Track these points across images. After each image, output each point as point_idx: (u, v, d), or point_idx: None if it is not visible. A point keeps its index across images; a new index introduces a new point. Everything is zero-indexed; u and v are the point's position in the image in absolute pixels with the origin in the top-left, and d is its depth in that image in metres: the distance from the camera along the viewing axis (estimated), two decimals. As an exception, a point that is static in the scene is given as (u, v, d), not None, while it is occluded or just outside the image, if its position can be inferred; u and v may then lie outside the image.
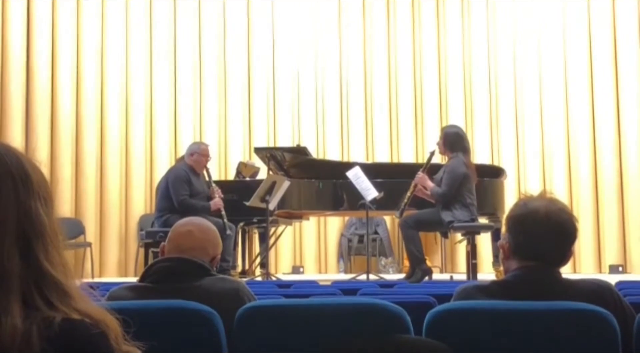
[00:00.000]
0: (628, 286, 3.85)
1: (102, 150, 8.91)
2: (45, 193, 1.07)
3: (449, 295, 2.27)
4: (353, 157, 9.35)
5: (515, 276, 2.10)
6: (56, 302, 1.02)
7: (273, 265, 8.88)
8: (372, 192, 6.72)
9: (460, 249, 8.68)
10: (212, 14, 9.60)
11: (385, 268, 9.16)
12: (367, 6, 9.86)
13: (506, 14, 9.63)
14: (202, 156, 6.89)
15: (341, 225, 9.62)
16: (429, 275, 6.50)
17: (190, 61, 9.47)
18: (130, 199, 9.01)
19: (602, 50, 9.18)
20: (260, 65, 9.65)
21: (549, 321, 1.88)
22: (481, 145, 9.49)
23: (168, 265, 2.44)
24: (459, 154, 6.41)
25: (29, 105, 8.51)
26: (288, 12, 9.72)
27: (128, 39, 9.16)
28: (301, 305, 2.18)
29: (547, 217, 2.07)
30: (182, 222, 2.60)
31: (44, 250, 1.03)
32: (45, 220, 1.04)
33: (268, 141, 9.46)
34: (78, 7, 8.89)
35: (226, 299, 2.29)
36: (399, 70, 9.78)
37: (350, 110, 9.74)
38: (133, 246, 8.82)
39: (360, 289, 3.54)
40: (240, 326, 2.09)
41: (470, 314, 1.93)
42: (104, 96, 8.97)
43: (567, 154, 9.27)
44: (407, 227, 6.45)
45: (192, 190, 6.73)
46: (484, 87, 9.66)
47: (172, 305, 2.10)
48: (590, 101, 9.20)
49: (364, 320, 2.02)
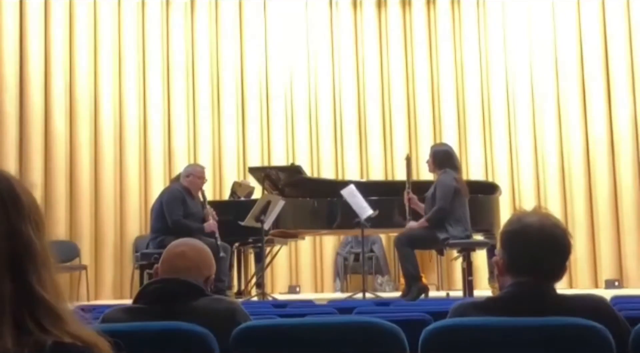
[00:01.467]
0: (623, 301, 3.85)
1: (96, 172, 8.89)
2: (37, 217, 1.06)
3: (444, 312, 2.27)
4: (348, 176, 9.37)
5: (510, 292, 2.09)
6: (48, 325, 1.01)
7: (269, 285, 8.85)
8: (367, 210, 6.72)
9: (457, 266, 8.68)
10: (205, 35, 9.65)
11: (381, 286, 9.14)
12: (359, 26, 9.91)
13: (498, 29, 9.69)
14: (197, 178, 6.88)
15: (337, 243, 9.61)
16: (425, 292, 6.48)
17: (183, 82, 9.49)
18: (124, 221, 8.99)
19: (594, 64, 9.22)
20: (254, 85, 9.68)
21: (544, 337, 1.87)
22: (475, 161, 9.51)
23: (162, 286, 2.43)
24: (447, 171, 6.45)
25: (22, 128, 8.49)
26: (281, 30, 9.77)
27: (121, 60, 9.18)
28: (296, 325, 2.17)
29: (541, 232, 2.06)
30: (175, 243, 2.60)
31: (36, 273, 1.03)
32: (36, 243, 1.04)
33: (262, 160, 9.47)
34: (70, 28, 8.90)
35: (221, 320, 2.28)
36: (392, 88, 9.82)
37: (344, 129, 9.76)
38: (128, 268, 8.79)
39: (356, 308, 3.53)
40: (236, 346, 2.08)
41: (465, 331, 1.93)
42: (98, 117, 8.97)
43: (561, 168, 9.29)
44: (402, 245, 6.44)
45: (186, 211, 6.71)
46: (477, 103, 9.70)
47: (166, 327, 2.09)
48: (583, 115, 9.24)
49: (359, 339, 2.01)
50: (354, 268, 9.34)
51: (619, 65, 9.16)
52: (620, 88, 9.12)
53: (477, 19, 9.80)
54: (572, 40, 9.35)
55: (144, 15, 9.41)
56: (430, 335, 1.93)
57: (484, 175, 9.38)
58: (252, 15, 9.77)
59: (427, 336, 1.93)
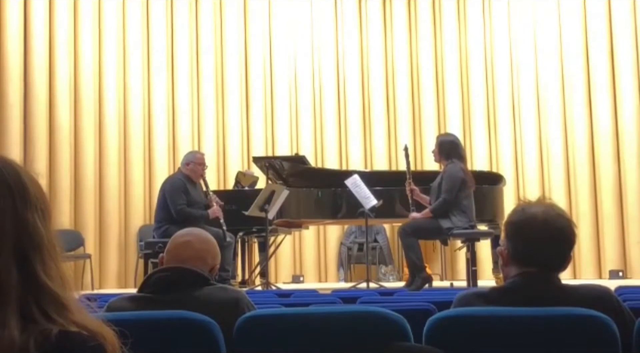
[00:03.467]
0: (628, 291, 3.84)
1: (101, 161, 8.90)
2: (43, 206, 1.07)
3: (448, 302, 2.27)
4: (352, 166, 9.36)
5: (514, 282, 2.09)
6: (53, 314, 1.01)
7: (273, 275, 8.87)
8: (371, 200, 6.72)
9: (461, 256, 8.68)
10: (210, 25, 9.63)
11: (385, 276, 9.15)
12: (363, 18, 9.88)
13: (503, 19, 9.65)
14: (198, 165, 6.89)
15: (341, 233, 9.62)
16: (429, 282, 6.49)
17: (187, 71, 9.48)
18: (129, 210, 9.00)
19: (600, 55, 9.19)
20: (258, 75, 9.67)
21: (548, 327, 1.88)
22: (479, 152, 9.50)
23: (167, 275, 2.43)
24: (454, 161, 6.44)
25: (27, 117, 8.51)
26: (286, 20, 9.75)
27: (125, 50, 9.17)
28: (300, 314, 2.18)
29: (545, 222, 2.06)
30: (180, 232, 2.60)
31: (42, 263, 1.03)
32: (42, 232, 1.04)
33: (266, 150, 9.46)
34: (75, 19, 8.90)
35: (225, 309, 2.29)
36: (397, 78, 9.79)
37: (348, 119, 9.75)
38: (133, 257, 8.81)
39: (360, 297, 3.53)
40: (240, 336, 2.09)
41: (469, 321, 1.93)
42: (102, 107, 8.98)
43: (565, 159, 9.27)
44: (406, 235, 6.44)
45: (189, 199, 6.72)
46: (482, 93, 9.67)
47: (171, 315, 2.09)
48: (588, 106, 9.21)
49: (363, 329, 2.01)
50: (357, 258, 9.35)
51: (624, 56, 9.12)
52: (625, 77, 9.09)
53: (483, 8, 9.76)
54: (577, 31, 9.31)
55: (149, 5, 9.40)
56: (434, 325, 1.93)
57: (488, 166, 9.37)
58: (256, 5, 9.75)
59: (431, 326, 1.93)
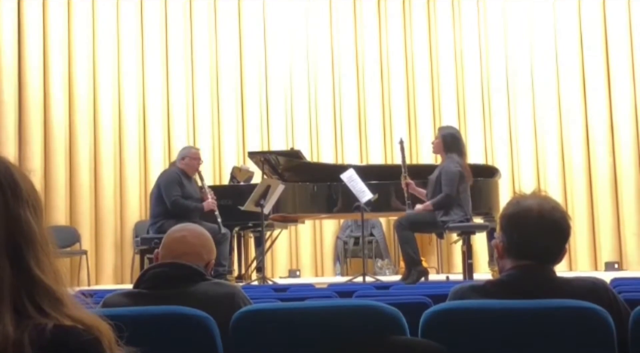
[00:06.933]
0: (623, 283, 3.85)
1: (96, 157, 8.89)
2: (35, 202, 1.07)
3: (444, 295, 2.27)
4: (347, 160, 9.35)
5: (510, 275, 2.10)
6: (48, 308, 1.01)
7: (269, 269, 8.86)
8: (366, 194, 6.73)
9: (457, 249, 8.70)
10: (204, 20, 9.60)
11: (381, 270, 9.15)
12: (358, 11, 9.86)
13: (498, 13, 9.64)
14: (193, 159, 6.90)
15: (337, 227, 9.62)
16: (425, 276, 6.50)
17: (182, 67, 9.46)
18: (124, 206, 8.99)
19: (594, 48, 9.20)
20: (253, 69, 9.64)
21: (544, 319, 1.88)
22: (474, 145, 9.49)
23: (162, 270, 2.43)
24: (453, 155, 6.44)
25: (21, 114, 8.49)
26: (280, 15, 9.72)
27: (120, 46, 9.15)
28: (296, 309, 2.18)
29: (540, 215, 2.07)
30: (175, 228, 2.60)
31: (35, 258, 1.03)
32: (35, 228, 1.04)
33: (262, 145, 9.45)
34: (69, 15, 8.87)
35: (222, 304, 2.29)
36: (392, 73, 9.78)
37: (343, 113, 9.74)
38: (129, 253, 8.81)
39: (356, 291, 3.54)
40: (236, 331, 2.09)
41: (465, 314, 1.94)
42: (97, 103, 8.96)
43: (560, 151, 9.28)
44: (402, 228, 6.45)
45: (184, 192, 6.72)
46: (477, 86, 9.67)
47: (167, 311, 2.09)
48: (582, 98, 9.22)
49: (359, 322, 2.01)
50: (354, 252, 9.35)
51: (619, 50, 9.13)
52: (620, 72, 9.10)
53: (477, 3, 9.75)
54: (573, 25, 9.31)
55: (143, 2, 9.37)
56: (430, 318, 1.93)
57: (483, 159, 9.37)
58: (251, 0, 9.72)
59: (427, 319, 1.93)
